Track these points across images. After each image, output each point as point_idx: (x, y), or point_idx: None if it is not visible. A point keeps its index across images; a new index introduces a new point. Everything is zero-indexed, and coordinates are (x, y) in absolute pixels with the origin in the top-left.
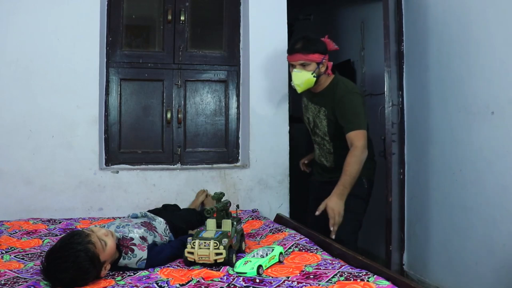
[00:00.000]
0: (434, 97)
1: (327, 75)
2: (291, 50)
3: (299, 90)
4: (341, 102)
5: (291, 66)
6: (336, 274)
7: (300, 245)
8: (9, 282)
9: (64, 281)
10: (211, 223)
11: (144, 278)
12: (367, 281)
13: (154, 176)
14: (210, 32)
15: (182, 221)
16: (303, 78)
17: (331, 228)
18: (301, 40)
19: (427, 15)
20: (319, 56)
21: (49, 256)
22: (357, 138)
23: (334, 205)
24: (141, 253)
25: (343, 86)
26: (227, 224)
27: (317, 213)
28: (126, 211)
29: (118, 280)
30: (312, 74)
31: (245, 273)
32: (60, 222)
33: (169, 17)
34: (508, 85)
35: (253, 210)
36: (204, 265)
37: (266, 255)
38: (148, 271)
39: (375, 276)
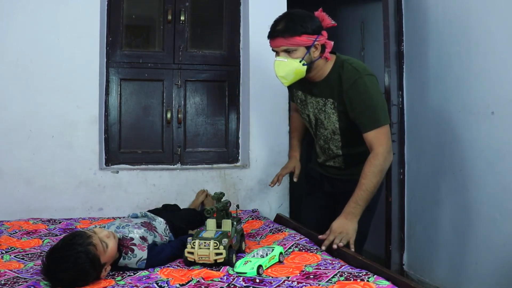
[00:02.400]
0: (434, 97)
1: (325, 60)
2: (271, 33)
3: (286, 83)
4: (352, 90)
5: (275, 52)
6: (336, 274)
7: (300, 245)
8: (9, 282)
9: (64, 281)
10: (211, 223)
11: (144, 278)
12: (367, 281)
13: (154, 176)
14: (210, 32)
15: (182, 221)
16: (289, 69)
17: (334, 246)
18: (283, 19)
19: (427, 15)
20: (308, 38)
21: (50, 256)
22: (378, 141)
23: (338, 228)
24: (141, 253)
25: (351, 68)
26: (227, 224)
27: (323, 248)
28: (126, 211)
29: (118, 280)
30: (300, 62)
31: (245, 273)
32: (60, 222)
33: (169, 17)
34: (508, 85)
35: (253, 210)
36: (204, 265)
37: (266, 255)
38: (148, 271)
39: (375, 276)
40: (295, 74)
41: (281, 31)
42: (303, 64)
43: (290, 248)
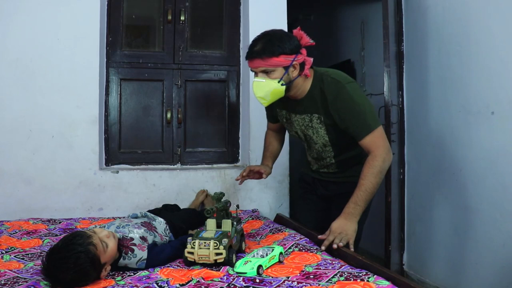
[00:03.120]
0: (434, 97)
1: (304, 77)
2: (249, 53)
3: (265, 103)
4: (338, 101)
5: (253, 72)
6: (336, 274)
7: (300, 245)
8: (9, 282)
9: (64, 281)
10: (211, 223)
11: (144, 278)
12: (367, 281)
13: (154, 176)
14: (210, 32)
15: (182, 221)
16: (267, 89)
17: (334, 246)
18: (261, 40)
19: (427, 15)
20: (286, 58)
21: (50, 256)
22: (374, 144)
23: (338, 228)
24: (141, 253)
25: (331, 79)
26: (227, 224)
27: (322, 248)
28: (126, 211)
29: (118, 280)
30: (279, 82)
31: (245, 273)
32: (60, 222)
33: (169, 17)
34: (508, 85)
35: (253, 210)
36: (204, 265)
37: (266, 255)
38: (148, 271)
39: (375, 276)
40: (274, 94)
41: (258, 52)
42: (282, 84)
43: (290, 248)
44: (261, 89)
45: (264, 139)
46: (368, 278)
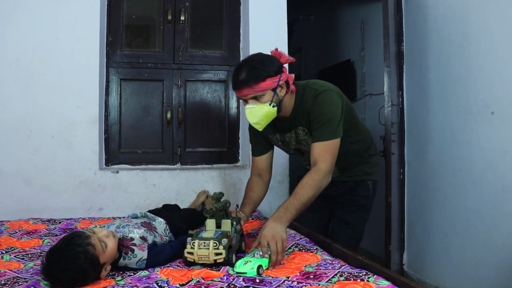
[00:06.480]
0: (434, 97)
1: (291, 93)
2: (235, 84)
3: (260, 127)
4: (313, 106)
5: (242, 100)
6: (336, 274)
7: (300, 245)
8: (9, 282)
9: (63, 281)
10: (210, 223)
11: (144, 278)
12: (367, 281)
13: (154, 176)
14: (210, 32)
15: (182, 221)
16: (260, 114)
17: (271, 267)
18: (244, 68)
19: (427, 15)
20: (272, 80)
21: (49, 256)
22: (322, 157)
23: (269, 231)
24: (141, 253)
25: (310, 89)
26: (226, 224)
27: (270, 268)
28: (126, 211)
29: (118, 280)
30: (270, 105)
31: (245, 273)
32: (60, 222)
33: (169, 17)
34: (508, 85)
35: None
36: (204, 265)
37: None
38: (148, 271)
39: (375, 276)
40: (267, 117)
41: (244, 80)
42: (273, 106)
43: (290, 248)
44: (254, 115)
45: (246, 186)
46: (368, 278)
